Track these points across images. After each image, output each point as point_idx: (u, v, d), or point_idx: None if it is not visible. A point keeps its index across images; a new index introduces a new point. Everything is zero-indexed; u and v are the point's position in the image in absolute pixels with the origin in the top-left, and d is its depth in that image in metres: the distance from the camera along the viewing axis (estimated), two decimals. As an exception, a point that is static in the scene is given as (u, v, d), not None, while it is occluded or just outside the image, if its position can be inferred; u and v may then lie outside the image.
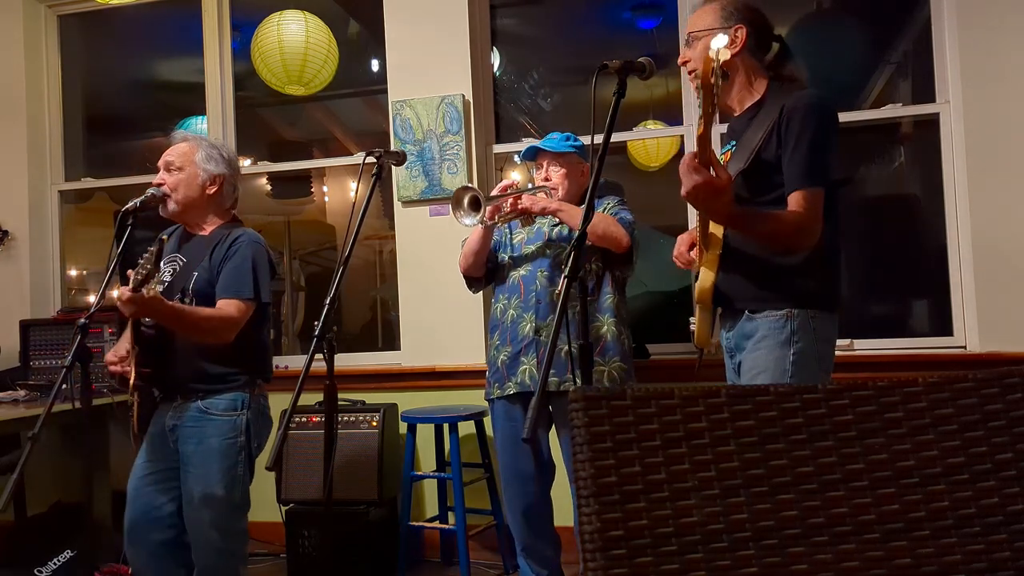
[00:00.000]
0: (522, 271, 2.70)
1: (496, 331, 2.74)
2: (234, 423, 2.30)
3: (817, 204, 1.78)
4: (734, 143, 1.96)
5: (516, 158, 3.30)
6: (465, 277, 2.82)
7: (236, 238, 2.36)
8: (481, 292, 2.96)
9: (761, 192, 1.85)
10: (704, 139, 1.55)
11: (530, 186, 2.78)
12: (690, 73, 1.97)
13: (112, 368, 2.27)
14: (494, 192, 2.63)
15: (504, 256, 2.77)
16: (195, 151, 2.38)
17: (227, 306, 2.26)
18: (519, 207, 2.59)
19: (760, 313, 1.87)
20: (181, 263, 2.37)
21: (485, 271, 2.79)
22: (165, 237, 2.14)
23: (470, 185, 2.58)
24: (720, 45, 1.45)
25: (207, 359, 2.29)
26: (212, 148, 2.41)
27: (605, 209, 2.67)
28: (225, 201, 2.46)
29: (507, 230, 2.80)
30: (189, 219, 2.43)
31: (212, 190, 2.39)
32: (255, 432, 2.36)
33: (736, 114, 2.01)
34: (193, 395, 2.29)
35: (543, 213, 2.61)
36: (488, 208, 2.52)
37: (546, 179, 2.74)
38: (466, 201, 2.55)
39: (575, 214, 2.54)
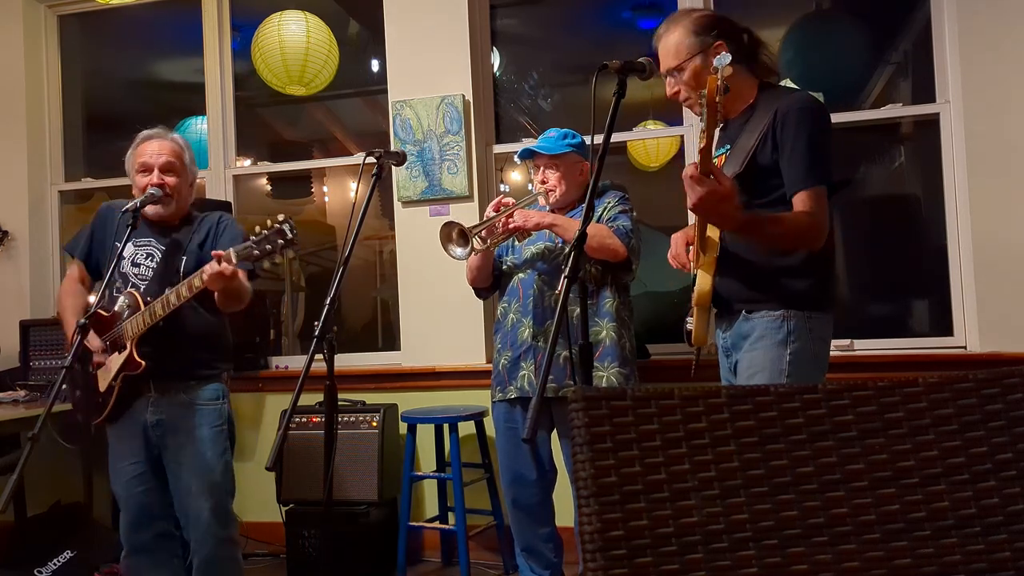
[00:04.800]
0: (522, 274, 2.71)
1: (499, 334, 2.75)
2: (219, 411, 2.39)
3: (823, 201, 1.79)
4: (728, 147, 1.97)
5: (516, 159, 3.31)
6: (473, 288, 2.85)
7: (219, 217, 2.47)
8: (481, 293, 2.97)
9: (757, 196, 1.86)
10: (706, 151, 1.56)
11: (530, 187, 2.78)
12: (684, 101, 1.97)
13: (97, 358, 2.30)
14: (488, 211, 2.65)
15: (507, 260, 2.77)
16: (184, 153, 2.45)
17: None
18: (511, 226, 2.58)
19: (757, 313, 1.88)
20: (159, 251, 2.40)
21: (492, 280, 2.80)
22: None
23: (454, 220, 2.60)
24: (724, 63, 1.45)
25: (202, 350, 2.37)
26: (190, 149, 2.51)
27: (605, 209, 2.67)
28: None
29: None
30: (175, 215, 2.46)
31: (191, 189, 2.51)
32: (232, 421, 2.46)
33: (730, 118, 2.01)
34: (177, 388, 2.34)
35: (537, 228, 2.62)
36: (477, 237, 2.56)
37: (543, 181, 2.74)
38: (454, 235, 2.58)
39: (570, 226, 2.55)
